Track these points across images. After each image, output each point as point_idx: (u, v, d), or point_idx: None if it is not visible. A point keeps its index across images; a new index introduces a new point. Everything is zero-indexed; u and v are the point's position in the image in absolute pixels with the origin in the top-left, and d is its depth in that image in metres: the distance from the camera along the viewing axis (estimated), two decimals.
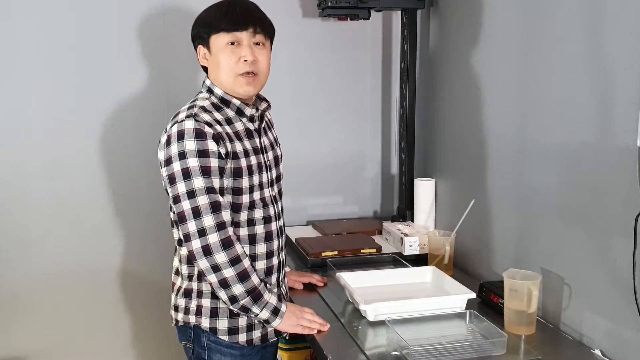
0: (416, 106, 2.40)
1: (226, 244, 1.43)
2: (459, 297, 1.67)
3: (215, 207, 1.44)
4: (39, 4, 2.21)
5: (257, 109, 1.62)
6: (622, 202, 1.37)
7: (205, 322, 1.56)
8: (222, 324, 1.56)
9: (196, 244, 1.43)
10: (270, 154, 1.66)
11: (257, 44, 1.55)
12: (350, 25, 2.49)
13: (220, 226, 1.43)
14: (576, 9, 1.51)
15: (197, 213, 1.43)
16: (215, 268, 1.43)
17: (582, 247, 1.53)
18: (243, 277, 1.46)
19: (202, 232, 1.42)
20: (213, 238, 1.42)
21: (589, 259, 1.51)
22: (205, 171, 1.44)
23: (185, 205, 1.44)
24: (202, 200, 1.43)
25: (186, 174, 1.44)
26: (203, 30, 1.56)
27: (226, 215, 1.46)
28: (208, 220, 1.42)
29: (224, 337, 1.56)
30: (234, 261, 1.44)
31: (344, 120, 2.59)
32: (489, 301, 1.73)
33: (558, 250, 1.63)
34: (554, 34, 1.61)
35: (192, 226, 1.43)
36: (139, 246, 2.43)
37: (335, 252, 2.09)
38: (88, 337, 2.41)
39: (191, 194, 1.43)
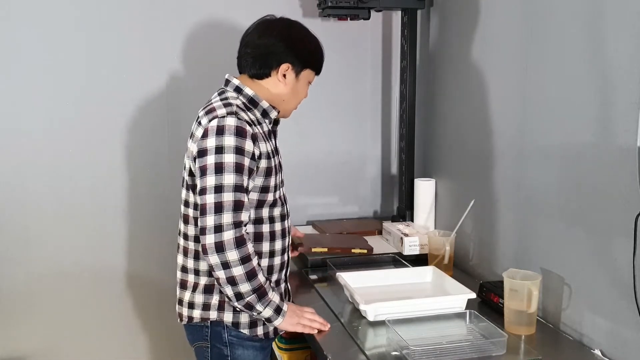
0: (416, 106, 2.40)
1: (240, 242, 1.44)
2: (459, 297, 1.67)
3: (237, 206, 1.45)
4: (41, 4, 2.21)
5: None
6: (622, 202, 1.37)
7: (227, 317, 1.57)
8: (244, 317, 1.58)
9: (210, 239, 1.43)
10: (279, 156, 1.70)
11: None
12: (350, 25, 2.49)
13: (237, 224, 1.45)
14: (576, 8, 1.51)
15: (218, 208, 1.44)
16: (225, 265, 1.44)
17: (582, 247, 1.53)
18: (251, 275, 1.47)
19: (218, 228, 1.43)
20: (228, 235, 1.43)
21: (589, 259, 1.51)
22: (239, 168, 1.46)
23: (210, 198, 1.44)
24: (227, 197, 1.44)
25: (219, 169, 1.45)
26: (310, 59, 1.64)
27: (245, 215, 1.47)
28: (227, 218, 1.43)
29: (245, 331, 1.59)
30: (244, 260, 1.45)
31: (344, 121, 2.59)
32: (489, 301, 1.73)
33: (558, 250, 1.63)
34: (554, 35, 1.61)
35: (210, 220, 1.43)
36: (138, 246, 2.43)
37: (325, 249, 2.09)
38: (88, 337, 2.41)
39: (218, 189, 1.44)
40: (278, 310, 1.54)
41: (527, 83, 1.74)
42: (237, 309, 1.56)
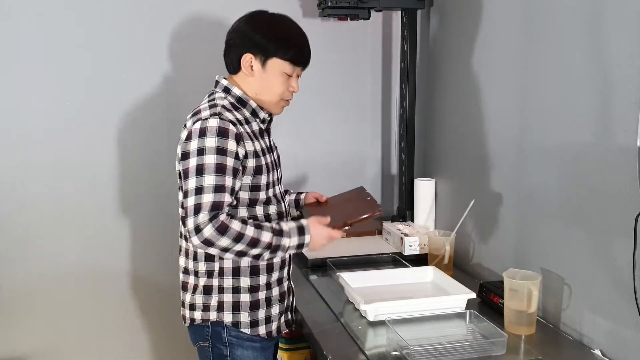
0: (416, 106, 2.40)
1: (222, 230, 1.44)
2: (459, 297, 1.67)
3: (215, 207, 1.44)
4: (40, 5, 2.21)
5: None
6: (622, 202, 1.37)
7: (227, 317, 1.58)
8: (244, 317, 1.59)
9: (195, 240, 1.44)
10: (275, 154, 1.70)
11: (299, 75, 1.64)
12: (350, 25, 2.49)
13: (213, 218, 1.44)
14: (576, 8, 1.51)
15: (197, 210, 1.44)
16: (224, 250, 1.46)
17: (582, 247, 1.53)
18: (253, 243, 1.47)
19: (197, 229, 1.43)
20: (208, 231, 1.43)
21: (589, 259, 1.51)
22: (220, 169, 1.46)
23: (191, 201, 1.45)
24: (207, 198, 1.44)
25: (200, 170, 1.46)
26: (271, 46, 1.57)
27: (223, 214, 1.46)
28: (203, 217, 1.43)
29: (246, 330, 1.59)
30: (237, 239, 1.45)
31: (344, 120, 2.59)
32: (489, 301, 1.73)
33: (558, 250, 1.63)
34: (554, 34, 1.61)
35: (190, 223, 1.44)
36: (138, 246, 2.43)
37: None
38: (88, 337, 2.41)
39: (199, 190, 1.45)
40: (300, 247, 1.55)
41: (527, 83, 1.74)
42: (254, 306, 1.59)
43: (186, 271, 1.63)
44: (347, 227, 1.65)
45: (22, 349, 2.35)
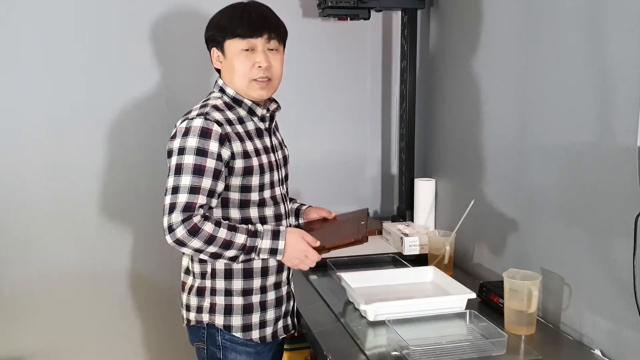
0: (416, 106, 2.40)
1: (193, 232, 1.44)
2: (459, 297, 1.67)
3: (188, 208, 1.44)
4: (42, 4, 2.21)
5: (267, 110, 1.64)
6: (622, 202, 1.37)
7: (219, 320, 1.57)
8: (236, 320, 1.58)
9: (169, 239, 1.45)
10: (280, 153, 1.68)
11: (271, 49, 1.58)
12: (350, 25, 2.49)
13: (186, 219, 1.44)
14: (576, 8, 1.51)
15: (172, 209, 1.44)
16: (198, 250, 1.46)
17: (582, 247, 1.53)
18: (226, 245, 1.47)
19: (170, 228, 1.44)
20: (180, 232, 1.43)
21: (589, 259, 1.51)
22: (197, 170, 1.46)
23: (167, 199, 1.46)
24: (181, 199, 1.45)
25: (178, 170, 1.46)
26: (218, 34, 1.58)
27: (197, 216, 1.45)
28: (175, 217, 1.44)
29: (238, 334, 1.58)
30: (209, 241, 1.45)
31: (344, 120, 2.59)
32: (489, 301, 1.73)
33: (558, 250, 1.63)
34: (554, 34, 1.61)
35: (165, 221, 1.45)
36: (139, 246, 2.43)
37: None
38: (87, 337, 2.41)
39: (175, 190, 1.46)
40: (274, 252, 1.52)
41: (527, 83, 1.74)
42: (247, 310, 1.57)
43: (187, 271, 1.64)
44: (328, 250, 1.60)
45: (22, 349, 2.35)
